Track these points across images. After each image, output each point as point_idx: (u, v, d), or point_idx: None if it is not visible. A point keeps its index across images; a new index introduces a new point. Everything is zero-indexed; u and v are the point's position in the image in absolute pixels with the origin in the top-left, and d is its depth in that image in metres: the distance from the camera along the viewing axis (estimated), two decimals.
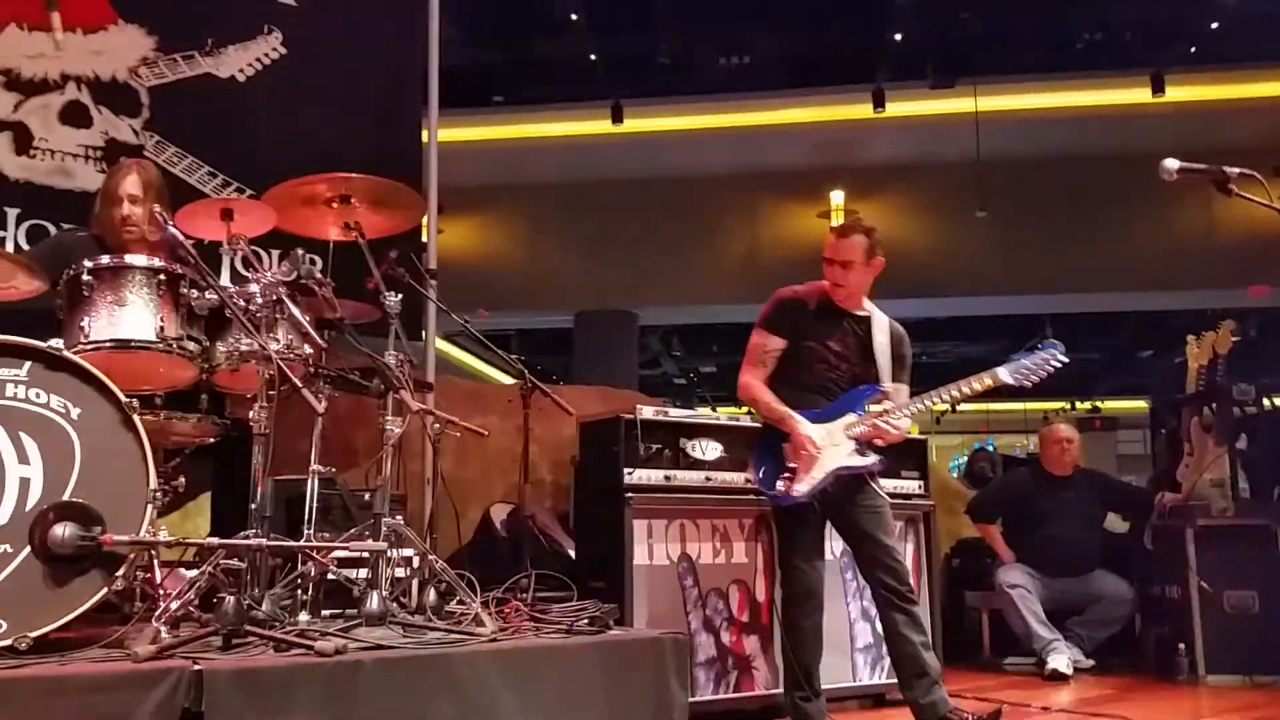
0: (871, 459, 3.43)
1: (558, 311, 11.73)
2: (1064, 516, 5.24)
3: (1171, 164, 2.57)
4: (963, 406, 18.54)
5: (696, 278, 11.00)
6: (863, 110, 9.93)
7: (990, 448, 8.68)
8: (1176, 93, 9.30)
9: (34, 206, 3.89)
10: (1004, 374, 3.40)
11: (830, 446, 3.38)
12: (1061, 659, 4.83)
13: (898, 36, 9.23)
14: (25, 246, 3.80)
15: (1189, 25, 8.81)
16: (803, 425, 3.38)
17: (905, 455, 4.50)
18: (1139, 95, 9.41)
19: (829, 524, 3.53)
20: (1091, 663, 5.06)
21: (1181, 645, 4.77)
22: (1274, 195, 2.53)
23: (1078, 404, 16.13)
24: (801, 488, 3.35)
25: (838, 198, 10.83)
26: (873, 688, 4.23)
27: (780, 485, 3.38)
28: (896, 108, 9.88)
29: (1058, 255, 10.39)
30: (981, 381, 3.41)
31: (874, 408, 3.42)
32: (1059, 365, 3.39)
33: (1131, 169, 8.28)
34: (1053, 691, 4.59)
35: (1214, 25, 8.73)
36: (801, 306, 3.53)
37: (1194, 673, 4.69)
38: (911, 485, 4.49)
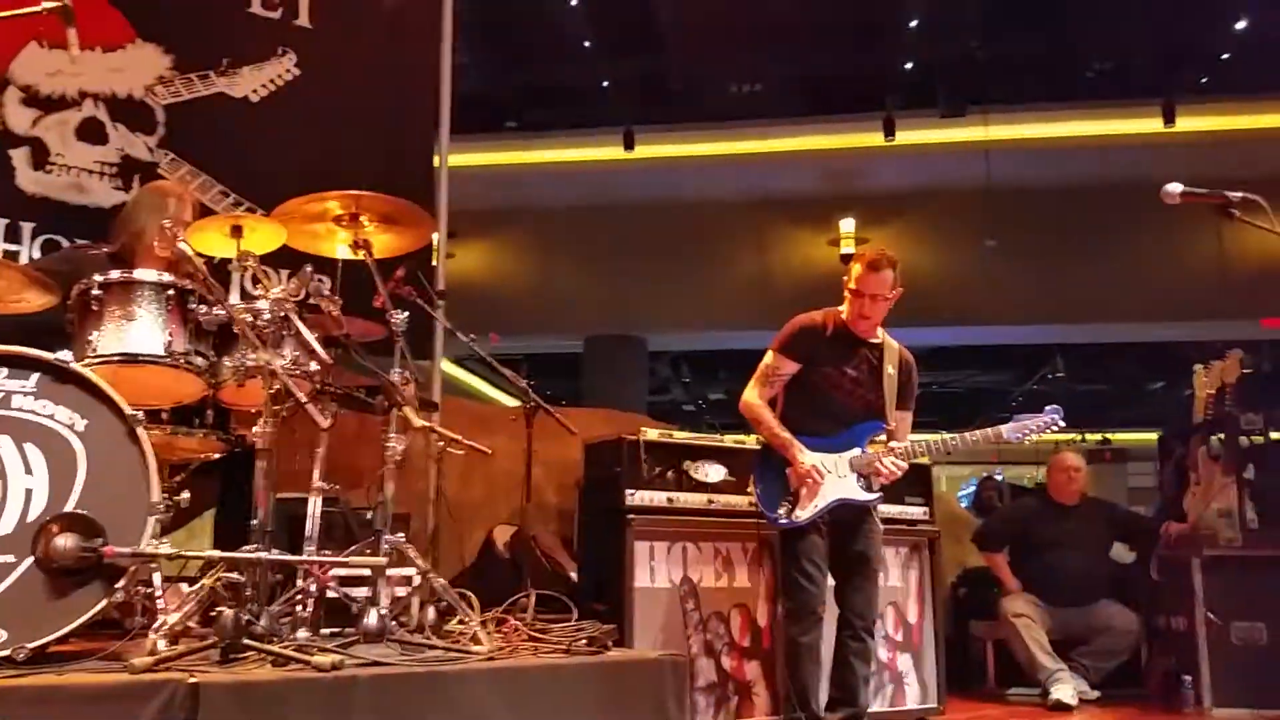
0: (874, 494, 3.54)
1: (567, 336, 11.73)
2: (1070, 546, 5.21)
3: (1174, 188, 2.59)
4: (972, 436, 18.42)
5: (706, 304, 11.02)
6: (873, 138, 9.96)
7: (999, 478, 8.64)
8: (1188, 123, 9.30)
9: (49, 221, 3.94)
10: (1006, 432, 3.60)
11: (835, 477, 3.47)
12: (1066, 689, 4.78)
13: (908, 65, 9.27)
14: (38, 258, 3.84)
15: (1200, 55, 8.83)
16: (804, 454, 3.44)
17: (910, 482, 4.46)
18: (1150, 125, 9.42)
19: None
20: (1097, 694, 5.01)
21: (1188, 677, 4.72)
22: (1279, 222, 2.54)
23: (1088, 436, 16.02)
24: (803, 514, 3.44)
25: (848, 225, 10.83)
26: (873, 716, 4.18)
27: (782, 509, 3.45)
28: (907, 136, 9.91)
29: (1068, 285, 10.36)
30: (985, 437, 3.59)
31: (878, 445, 3.54)
32: (1057, 429, 3.58)
33: (1142, 199, 8.17)
34: None
35: (1225, 55, 8.74)
36: (819, 334, 3.62)
37: (1200, 705, 4.63)
38: (916, 511, 4.48)
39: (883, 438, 3.59)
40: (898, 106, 9.76)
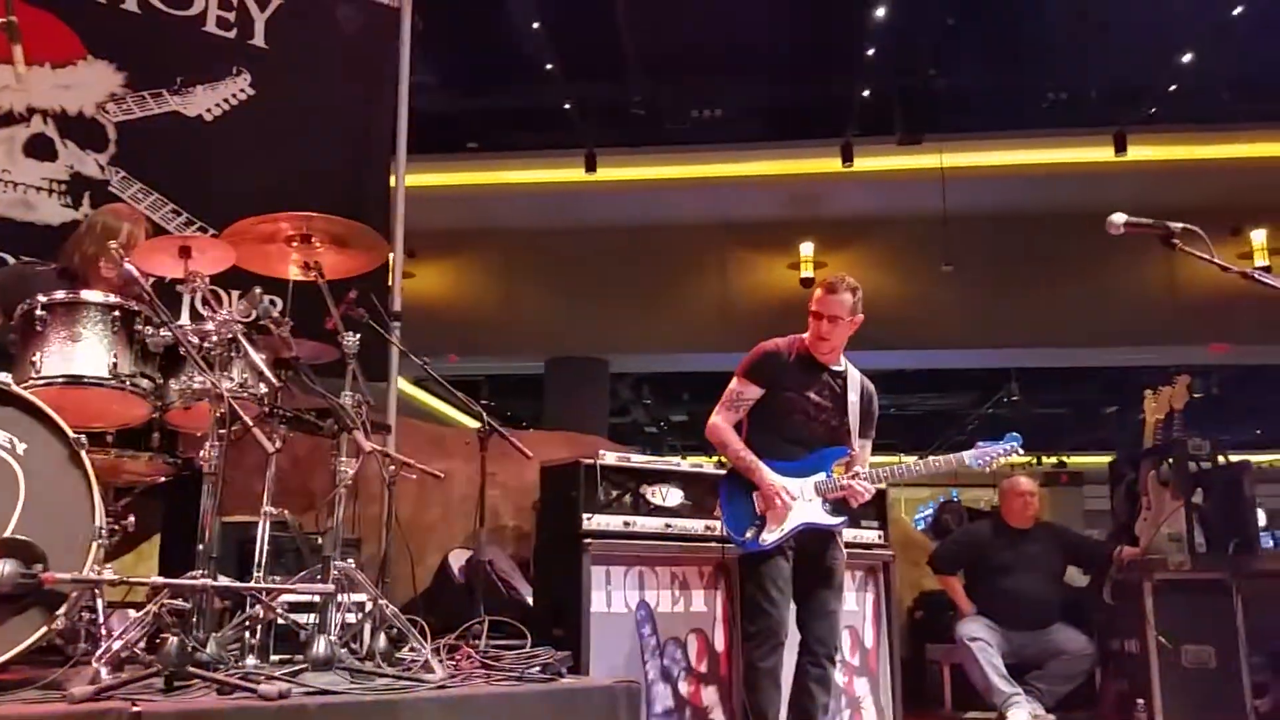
0: (840, 519, 3.55)
1: (529, 357, 11.70)
2: (1025, 569, 5.25)
3: (1118, 219, 2.64)
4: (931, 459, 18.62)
5: (668, 326, 11.04)
6: (832, 164, 10.06)
7: (956, 500, 8.70)
8: (1138, 152, 9.49)
9: None
10: (969, 459, 3.62)
11: (801, 501, 3.48)
12: (1021, 713, 4.80)
13: (866, 93, 9.38)
14: None
15: (1151, 87, 9.01)
16: (769, 476, 3.47)
17: (866, 505, 4.48)
18: (1102, 154, 9.61)
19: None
20: (1052, 717, 5.03)
21: (1140, 700, 4.76)
22: (1221, 252, 2.59)
23: (1044, 459, 16.24)
24: (770, 537, 3.44)
25: (808, 249, 10.92)
26: None
27: (750, 532, 3.45)
28: (865, 162, 10.02)
29: (1023, 310, 10.51)
30: (948, 463, 3.66)
31: (841, 471, 3.55)
32: (1017, 455, 3.65)
33: (1096, 226, 8.27)
34: None
35: (1173, 87, 8.94)
36: (782, 359, 3.65)
37: None
38: (871, 535, 4.50)
39: (847, 462, 3.60)
40: (856, 133, 9.87)
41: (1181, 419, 5.03)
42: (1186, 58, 8.43)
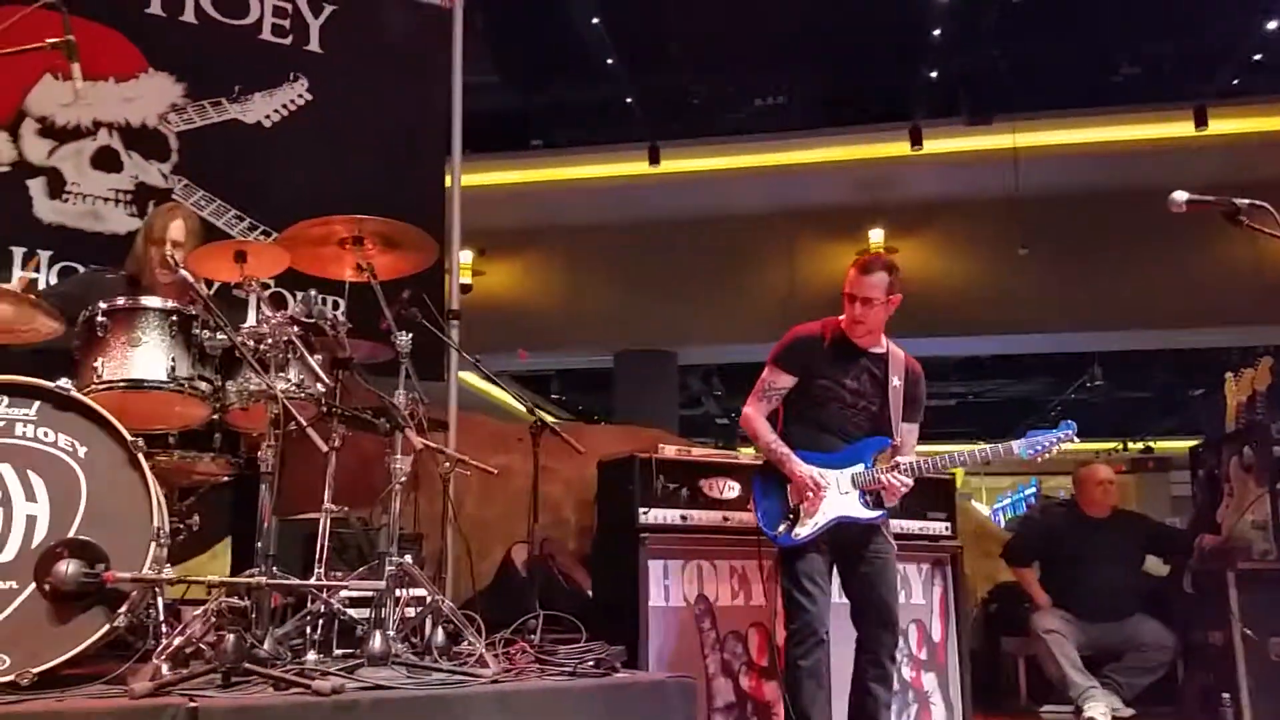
0: (878, 512, 3.39)
1: (597, 351, 11.75)
2: (1102, 559, 5.10)
3: (1179, 196, 2.54)
4: None
5: (735, 317, 10.98)
6: (900, 148, 9.88)
7: (1033, 488, 8.49)
8: (1220, 125, 9.13)
9: (65, 249, 4.01)
10: (1018, 448, 3.39)
11: (837, 494, 3.36)
12: (1099, 707, 4.68)
13: (933, 74, 9.20)
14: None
15: (1231, 57, 8.67)
16: (801, 467, 3.35)
17: (932, 496, 4.42)
18: (1181, 129, 9.27)
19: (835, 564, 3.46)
20: (1131, 711, 4.88)
21: (1226, 694, 4.58)
22: None
23: (1129, 444, 15.75)
24: (804, 531, 3.33)
25: (877, 235, 10.74)
26: None
27: (782, 527, 3.35)
28: (934, 145, 9.83)
29: (1102, 291, 10.20)
30: (996, 453, 3.41)
31: (883, 464, 3.39)
32: (1072, 444, 3.40)
33: None
34: None
35: (1257, 56, 8.59)
36: (816, 344, 3.50)
37: None
38: (939, 526, 4.40)
39: (888, 453, 3.45)
40: (924, 116, 9.69)
41: (1265, 402, 4.83)
42: (1271, 24, 8.08)
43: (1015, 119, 9.48)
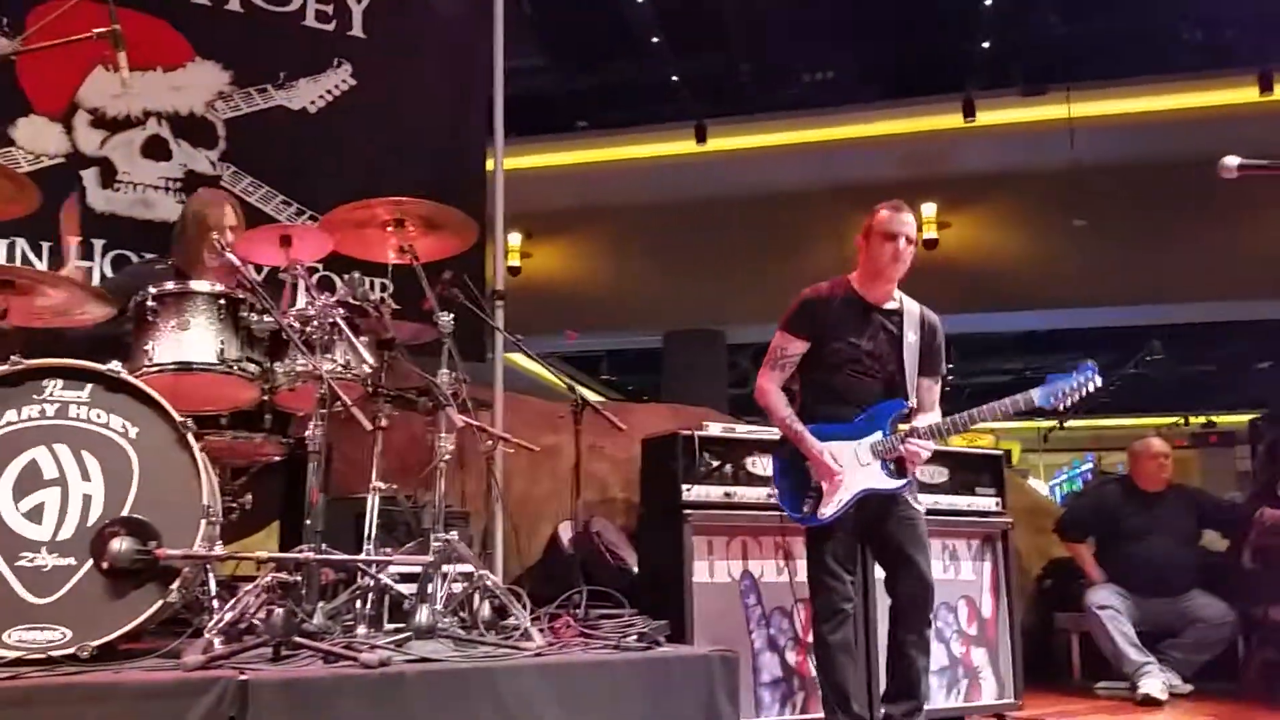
0: (902, 480, 3.27)
1: (645, 331, 11.76)
2: (1157, 534, 5.01)
3: (1231, 161, 2.45)
4: (1070, 423, 17.91)
5: (784, 295, 10.72)
6: (953, 120, 9.74)
7: (1089, 463, 8.34)
8: None
9: (118, 237, 4.10)
10: (1037, 397, 3.25)
11: (858, 467, 3.25)
12: (1154, 683, 4.60)
13: (985, 44, 9.03)
14: (110, 275, 4.02)
15: None
16: (817, 448, 3.24)
17: (980, 471, 4.38)
18: (1245, 95, 9.01)
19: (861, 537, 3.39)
20: (1189, 688, 4.81)
21: None
22: None
23: (1191, 419, 15.40)
24: (827, 510, 3.23)
25: (929, 210, 10.59)
26: (948, 711, 4.11)
27: (806, 507, 3.28)
28: (988, 116, 9.67)
29: (1162, 264, 9.96)
30: (1015, 404, 3.25)
31: (902, 426, 3.26)
32: (1095, 388, 3.24)
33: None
34: (1145, 717, 4.40)
35: None
36: (826, 304, 3.36)
37: None
38: (988, 503, 4.36)
39: (905, 416, 3.30)
40: (977, 86, 9.51)
41: None
42: None
43: (1070, 88, 9.28)
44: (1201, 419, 15.50)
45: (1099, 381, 3.22)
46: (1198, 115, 9.39)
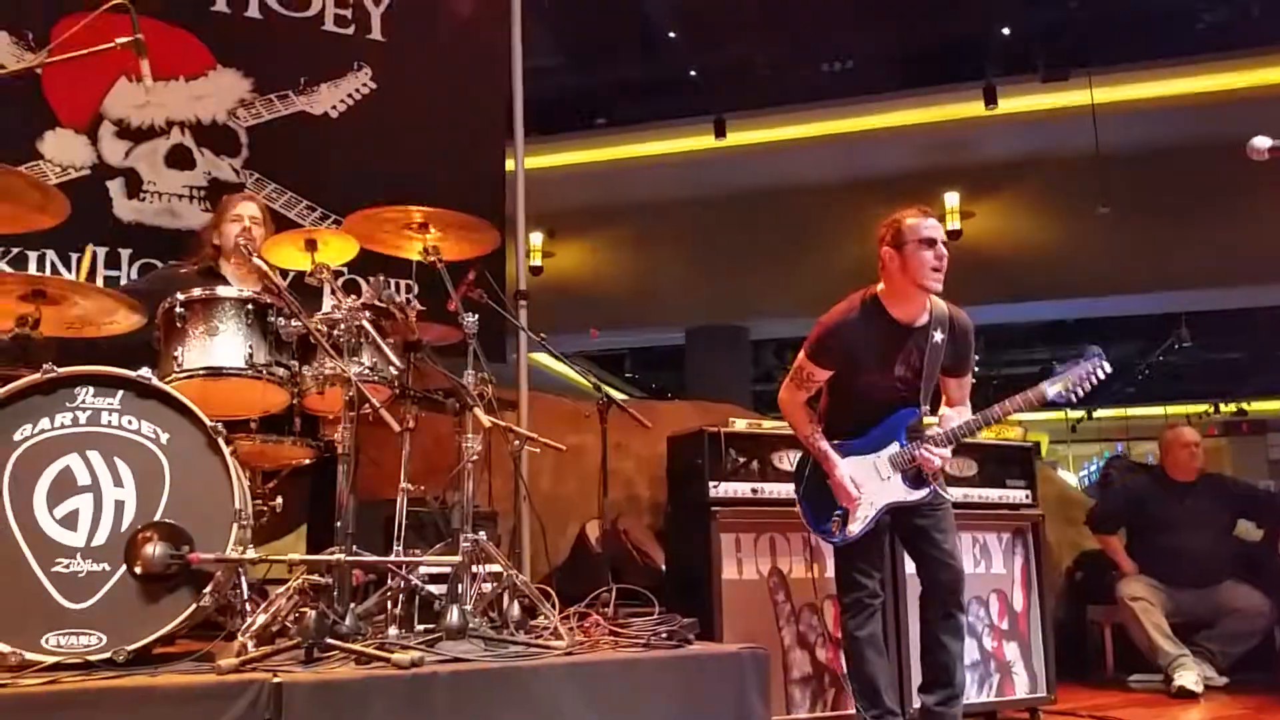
0: (924, 490, 3.24)
1: (668, 328, 11.75)
2: (1190, 525, 4.97)
3: (1260, 142, 2.43)
4: (1099, 413, 17.74)
5: (806, 289, 10.84)
6: (974, 108, 9.63)
7: (1120, 453, 8.27)
8: None
9: (144, 246, 4.15)
10: (1050, 392, 3.20)
11: (879, 481, 3.24)
12: (1189, 675, 4.56)
13: (1005, 30, 8.94)
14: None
15: None
16: (839, 471, 3.23)
17: (1011, 464, 4.36)
18: (1271, 75, 8.87)
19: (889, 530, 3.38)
20: (1225, 680, 4.76)
21: None
22: None
23: (1222, 406, 15.21)
24: (854, 528, 3.24)
25: (952, 200, 10.52)
26: (981, 706, 4.08)
27: (833, 524, 3.28)
28: (1009, 104, 9.55)
29: (1189, 250, 9.85)
30: (1026, 399, 3.20)
31: (931, 433, 3.23)
32: (1104, 376, 3.19)
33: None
34: (1180, 710, 4.35)
35: None
36: (852, 332, 3.22)
37: None
38: (1019, 495, 4.32)
39: (915, 425, 3.26)
40: (998, 74, 9.42)
41: None
42: None
43: (1092, 73, 9.16)
44: (1232, 407, 15.33)
45: (1107, 368, 3.18)
46: (1223, 97, 9.25)
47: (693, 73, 9.69)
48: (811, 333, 3.31)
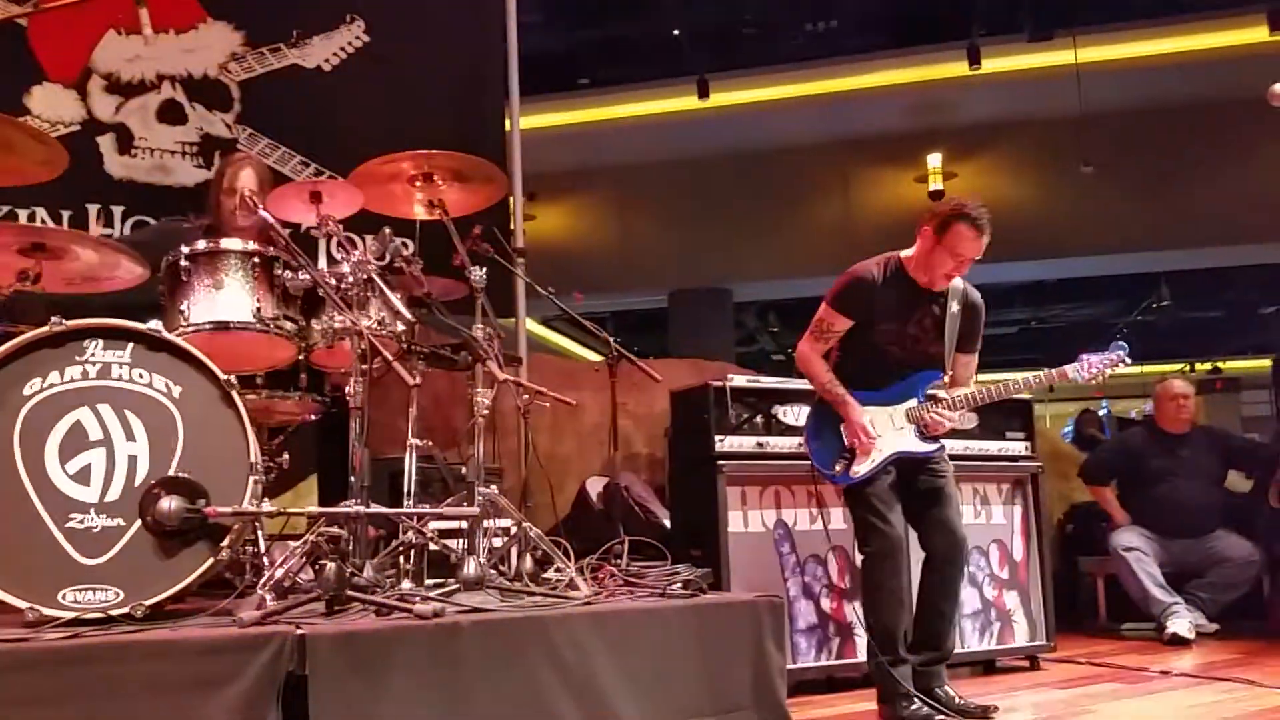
0: (934, 445, 3.33)
1: (651, 291, 11.69)
2: (1182, 475, 5.04)
3: None
4: None
5: (791, 251, 10.85)
6: (958, 68, 9.58)
7: (1103, 412, 8.36)
8: None
9: (137, 203, 4.07)
10: (1071, 372, 3.34)
11: (892, 430, 3.31)
12: (1182, 623, 4.64)
13: None
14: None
15: None
16: (856, 411, 3.28)
17: (1011, 416, 4.39)
18: (1254, 34, 8.88)
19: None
20: (1215, 626, 4.85)
21: None
22: None
23: (1197, 365, 15.38)
24: (861, 469, 3.27)
25: (935, 160, 10.51)
26: (981, 654, 4.14)
27: (839, 466, 3.32)
28: (993, 64, 9.51)
29: (1171, 210, 9.90)
30: (1049, 377, 3.36)
31: (942, 395, 3.32)
32: (1125, 367, 3.35)
33: (1248, 114, 7.74)
34: (1173, 656, 4.42)
35: None
36: (875, 288, 3.34)
37: None
38: (1018, 447, 4.37)
39: (941, 385, 3.35)
40: (982, 33, 9.39)
41: None
42: None
43: (1077, 33, 9.15)
44: (1207, 365, 15.51)
45: (1129, 361, 3.32)
46: (1206, 57, 9.26)
47: (676, 32, 9.59)
48: (835, 282, 3.41)
